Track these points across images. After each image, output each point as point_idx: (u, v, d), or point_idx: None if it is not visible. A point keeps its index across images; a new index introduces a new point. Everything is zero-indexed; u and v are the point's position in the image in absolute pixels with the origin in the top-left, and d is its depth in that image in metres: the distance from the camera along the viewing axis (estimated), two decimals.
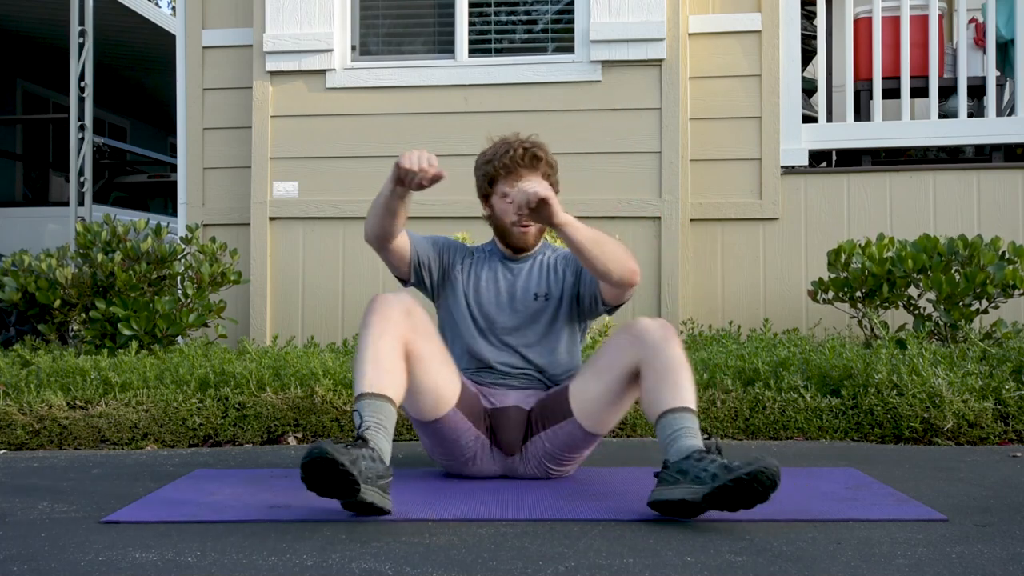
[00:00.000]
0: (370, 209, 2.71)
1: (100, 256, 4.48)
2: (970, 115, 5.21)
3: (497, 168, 2.84)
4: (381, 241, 2.75)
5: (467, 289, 2.90)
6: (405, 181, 2.55)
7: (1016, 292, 4.15)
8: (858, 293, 4.36)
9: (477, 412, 2.76)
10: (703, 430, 3.54)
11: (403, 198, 2.62)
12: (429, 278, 2.90)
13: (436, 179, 2.54)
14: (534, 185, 2.58)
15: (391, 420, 2.41)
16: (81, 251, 4.64)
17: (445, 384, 2.67)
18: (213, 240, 4.77)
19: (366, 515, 2.33)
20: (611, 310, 2.88)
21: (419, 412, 2.69)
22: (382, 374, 2.45)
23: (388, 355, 2.48)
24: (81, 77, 7.47)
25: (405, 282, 2.94)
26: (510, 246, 2.92)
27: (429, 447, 2.85)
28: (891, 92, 5.30)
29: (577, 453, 2.81)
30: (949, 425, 3.41)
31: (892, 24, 5.26)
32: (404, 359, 2.53)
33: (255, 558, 2.04)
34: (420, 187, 2.55)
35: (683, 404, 2.47)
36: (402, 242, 2.81)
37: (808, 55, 5.78)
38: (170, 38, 7.71)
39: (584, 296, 2.88)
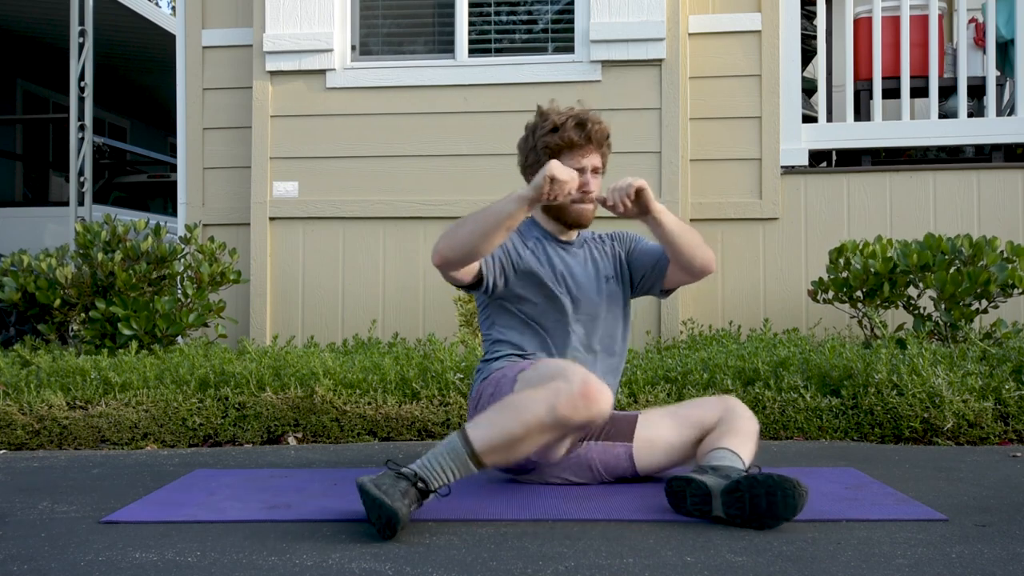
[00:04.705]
0: (465, 230, 2.47)
1: (100, 256, 4.48)
2: (970, 115, 5.21)
3: (564, 141, 2.63)
4: (471, 259, 2.51)
5: (551, 268, 2.71)
6: (551, 195, 2.40)
7: (1016, 291, 4.15)
8: (858, 293, 4.36)
9: None
10: None
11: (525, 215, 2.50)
12: (493, 277, 2.65)
13: (571, 196, 2.47)
14: (627, 179, 2.50)
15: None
16: (81, 251, 4.63)
17: None
18: (212, 240, 4.76)
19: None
20: (665, 293, 2.85)
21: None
22: (500, 452, 2.31)
23: (529, 445, 2.33)
24: (81, 77, 7.47)
25: (466, 288, 2.69)
26: (565, 223, 2.74)
27: None
28: (891, 92, 5.30)
29: (612, 477, 2.72)
30: (949, 425, 3.41)
31: (892, 24, 5.26)
32: None
33: (255, 558, 2.04)
34: (554, 200, 2.43)
35: (741, 454, 2.49)
36: None
37: (808, 55, 5.78)
38: (170, 38, 7.71)
39: (636, 275, 2.81)
